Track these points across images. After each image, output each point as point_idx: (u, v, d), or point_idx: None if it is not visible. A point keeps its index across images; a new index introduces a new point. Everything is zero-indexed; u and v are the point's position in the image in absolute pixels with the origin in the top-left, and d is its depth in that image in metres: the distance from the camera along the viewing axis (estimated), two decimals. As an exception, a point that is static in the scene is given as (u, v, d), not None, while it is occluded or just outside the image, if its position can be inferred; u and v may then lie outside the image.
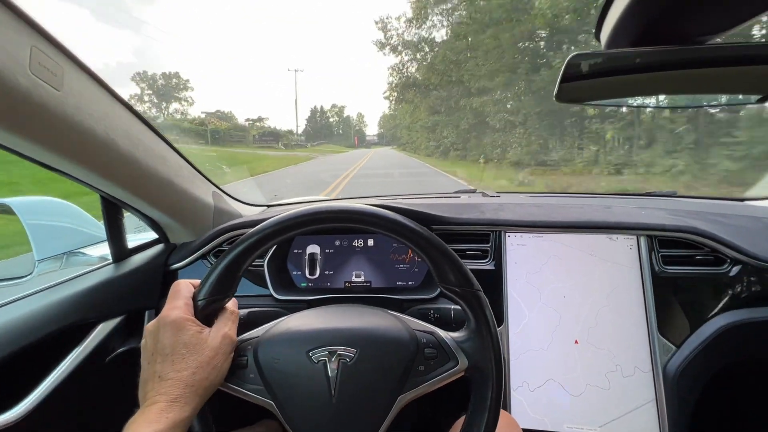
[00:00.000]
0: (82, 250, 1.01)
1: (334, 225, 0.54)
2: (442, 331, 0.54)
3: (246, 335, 0.55)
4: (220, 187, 1.06)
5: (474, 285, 0.53)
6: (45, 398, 0.68)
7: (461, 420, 0.54)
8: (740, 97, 0.57)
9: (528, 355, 0.84)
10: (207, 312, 0.52)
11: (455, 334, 0.54)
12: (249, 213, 1.16)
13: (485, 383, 0.51)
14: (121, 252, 0.88)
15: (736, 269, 0.82)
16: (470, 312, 0.53)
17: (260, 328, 0.56)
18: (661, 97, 0.59)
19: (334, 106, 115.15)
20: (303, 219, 0.53)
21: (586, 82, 0.50)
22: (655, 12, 0.42)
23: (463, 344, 0.52)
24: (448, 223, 0.92)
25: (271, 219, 0.53)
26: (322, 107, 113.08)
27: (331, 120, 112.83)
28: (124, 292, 0.85)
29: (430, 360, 0.51)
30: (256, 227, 0.53)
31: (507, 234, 0.90)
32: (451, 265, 0.53)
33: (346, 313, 0.57)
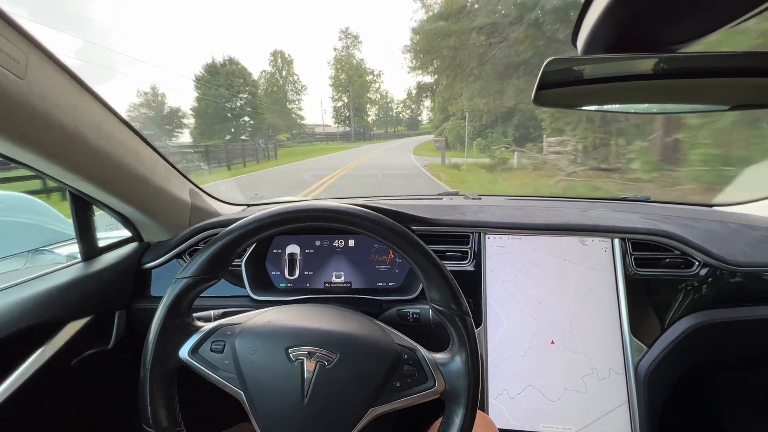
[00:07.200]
0: (48, 248, 0.96)
1: (329, 225, 0.53)
2: (424, 350, 0.53)
3: (226, 320, 0.54)
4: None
5: (462, 307, 0.52)
6: (4, 401, 0.64)
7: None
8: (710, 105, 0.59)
9: (507, 363, 0.84)
10: (192, 294, 0.52)
11: (437, 355, 0.53)
12: (228, 212, 1.13)
13: (458, 408, 0.50)
14: (90, 250, 0.85)
15: (704, 272, 0.84)
16: (455, 334, 0.52)
17: (242, 315, 0.55)
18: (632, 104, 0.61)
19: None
20: (308, 213, 0.53)
21: (562, 87, 0.51)
22: (630, 19, 0.43)
23: (443, 367, 0.52)
24: (429, 223, 0.92)
25: (274, 209, 0.53)
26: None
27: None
28: (94, 291, 0.82)
29: (408, 378, 0.50)
30: (253, 216, 0.53)
31: (487, 236, 0.91)
32: (442, 284, 0.52)
33: (332, 315, 0.56)
